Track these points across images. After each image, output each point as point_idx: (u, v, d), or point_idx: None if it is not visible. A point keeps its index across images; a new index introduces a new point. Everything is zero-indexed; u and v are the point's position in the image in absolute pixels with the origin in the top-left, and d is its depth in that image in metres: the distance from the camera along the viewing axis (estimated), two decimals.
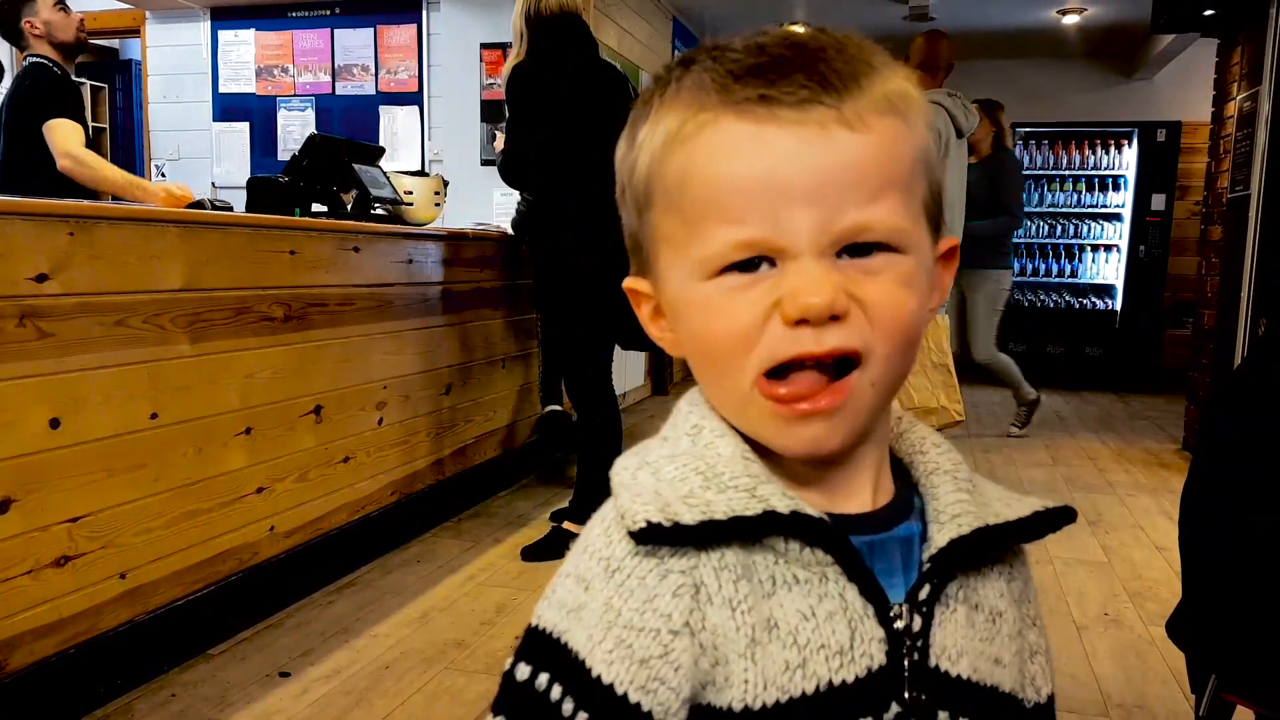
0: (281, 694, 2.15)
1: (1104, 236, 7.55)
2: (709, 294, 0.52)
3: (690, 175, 0.51)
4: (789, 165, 0.49)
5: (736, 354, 0.51)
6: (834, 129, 0.49)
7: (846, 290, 0.49)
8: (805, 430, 0.51)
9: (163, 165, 5.95)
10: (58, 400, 1.95)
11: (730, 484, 0.53)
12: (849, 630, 0.52)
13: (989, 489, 0.60)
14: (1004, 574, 0.60)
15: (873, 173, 0.49)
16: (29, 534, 1.90)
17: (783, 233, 0.49)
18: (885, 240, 0.50)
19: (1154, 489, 4.16)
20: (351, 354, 2.94)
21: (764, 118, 0.49)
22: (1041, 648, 0.62)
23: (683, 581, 0.51)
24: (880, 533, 0.55)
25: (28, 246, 1.88)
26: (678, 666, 0.51)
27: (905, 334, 0.52)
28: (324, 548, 2.82)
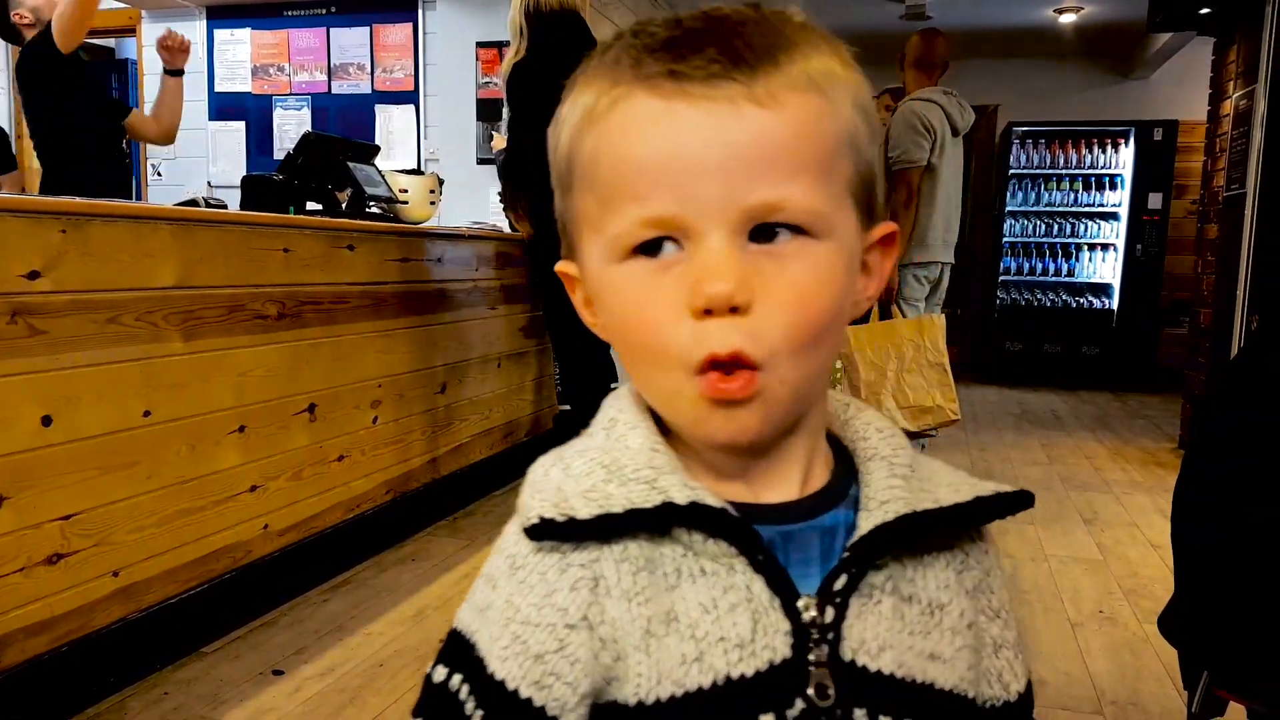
0: (275, 692, 2.15)
1: (1101, 235, 7.56)
2: (624, 279, 0.50)
3: (602, 152, 0.50)
4: (695, 141, 0.47)
5: (654, 350, 0.50)
6: (743, 105, 0.47)
7: (749, 279, 0.48)
8: (727, 418, 0.50)
9: (159, 164, 5.94)
10: (50, 398, 1.95)
11: (632, 476, 0.52)
12: (751, 623, 0.51)
13: (940, 474, 0.57)
14: (952, 564, 0.56)
15: (784, 151, 0.48)
16: (21, 531, 1.90)
17: (688, 210, 0.48)
18: (797, 222, 0.48)
19: (1150, 487, 4.16)
20: (345, 352, 2.93)
21: (673, 93, 0.47)
22: (1008, 641, 0.58)
23: (582, 575, 0.51)
24: (800, 522, 0.53)
25: (19, 243, 1.88)
26: (574, 661, 0.51)
27: (812, 329, 0.49)
28: (318, 546, 2.82)
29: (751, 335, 0.48)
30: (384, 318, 3.12)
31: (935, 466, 0.58)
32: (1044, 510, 3.81)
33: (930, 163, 3.89)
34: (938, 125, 3.87)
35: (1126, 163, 7.39)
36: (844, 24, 6.77)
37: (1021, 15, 6.62)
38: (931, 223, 3.95)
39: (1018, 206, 7.68)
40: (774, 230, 0.48)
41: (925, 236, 3.95)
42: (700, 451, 0.55)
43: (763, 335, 0.48)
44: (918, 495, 0.54)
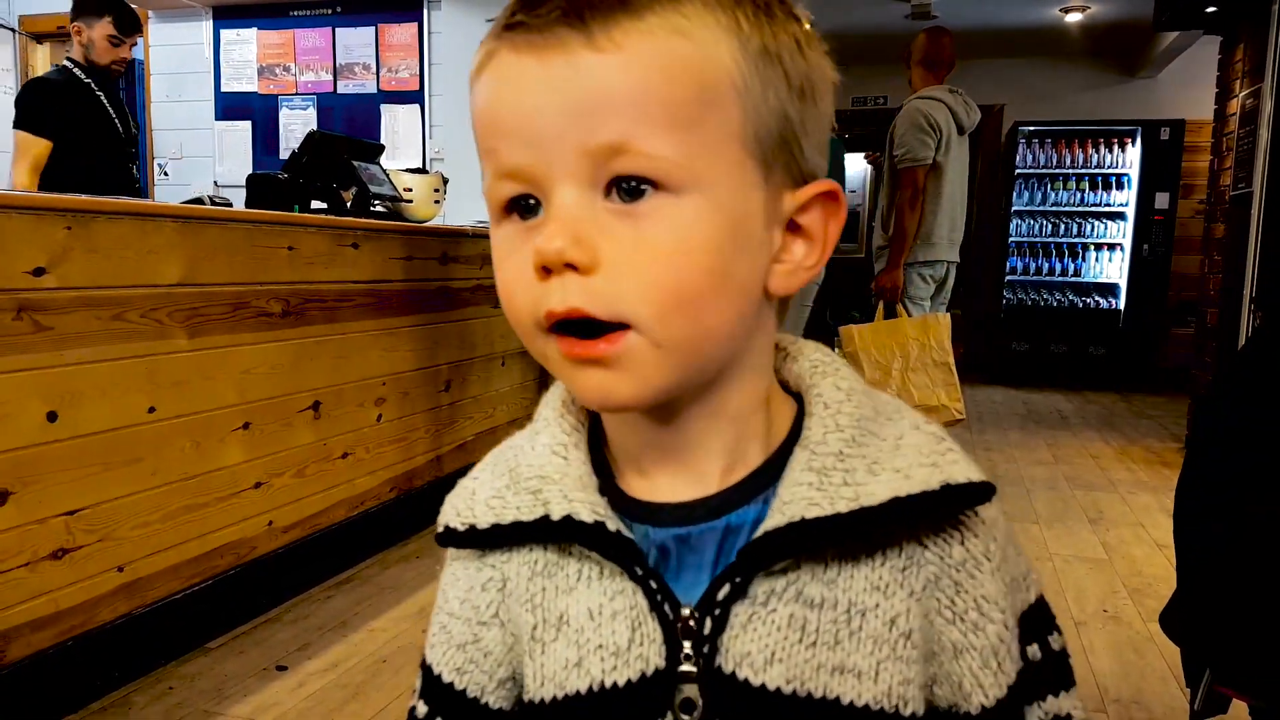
0: (278, 687, 2.16)
1: (1107, 235, 7.54)
2: (498, 240, 0.50)
3: (475, 112, 0.50)
4: (534, 92, 0.46)
5: (511, 312, 0.49)
6: (579, 52, 0.45)
7: (593, 239, 0.45)
8: (590, 379, 0.48)
9: (165, 164, 5.96)
10: (55, 394, 1.96)
11: (524, 485, 0.53)
12: (630, 631, 0.51)
13: (897, 454, 0.50)
14: (893, 560, 0.50)
15: (626, 97, 0.44)
16: (26, 526, 1.91)
17: (536, 161, 0.46)
18: (648, 173, 0.45)
19: (1155, 487, 4.15)
20: (350, 350, 2.94)
21: (521, 46, 0.46)
22: (975, 646, 0.51)
23: (493, 575, 0.55)
24: (700, 523, 0.51)
25: (25, 240, 1.89)
26: (487, 653, 0.56)
27: (679, 292, 0.46)
28: (322, 543, 2.83)
29: (597, 295, 0.45)
30: (388, 316, 3.13)
31: (900, 434, 0.52)
32: (1049, 509, 3.80)
33: (936, 161, 3.88)
34: (943, 124, 3.87)
35: (1133, 162, 7.37)
36: (849, 23, 6.76)
37: (1027, 15, 6.60)
38: (937, 222, 3.95)
39: (1024, 206, 7.67)
40: (634, 187, 0.45)
41: (931, 235, 3.95)
42: (615, 439, 0.55)
43: (613, 296, 0.46)
44: (835, 491, 0.49)
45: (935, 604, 0.51)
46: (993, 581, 0.51)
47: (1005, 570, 0.52)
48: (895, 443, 0.51)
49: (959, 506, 0.50)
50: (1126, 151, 7.41)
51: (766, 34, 0.47)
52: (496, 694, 0.56)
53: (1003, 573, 0.52)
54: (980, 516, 0.52)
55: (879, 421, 0.52)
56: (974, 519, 0.51)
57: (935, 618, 0.51)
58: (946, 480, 0.49)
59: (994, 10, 6.47)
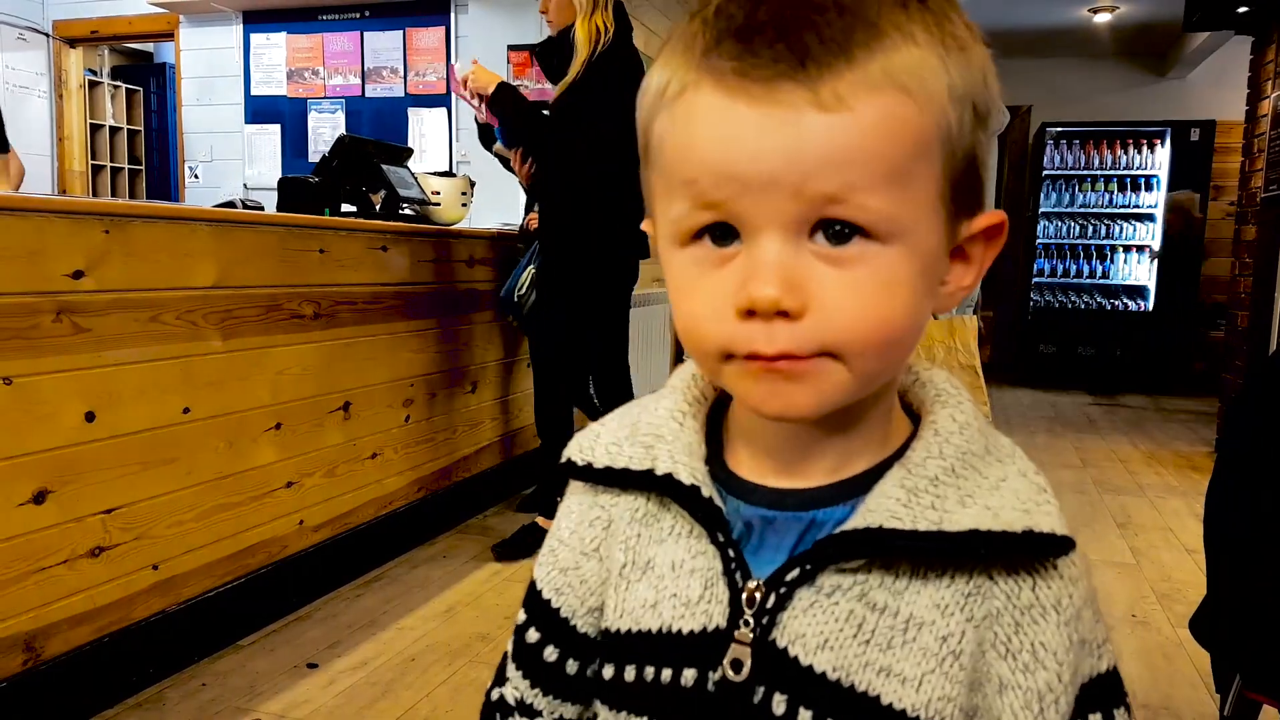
0: (309, 685, 2.18)
1: (1136, 237, 7.48)
2: (683, 264, 0.50)
3: (666, 140, 0.49)
4: (753, 144, 0.45)
5: (701, 336, 0.50)
6: (805, 110, 0.44)
7: (804, 283, 0.46)
8: (773, 393, 0.49)
9: (196, 167, 6.03)
10: (93, 394, 1.99)
11: (640, 439, 0.58)
12: (702, 588, 0.55)
13: (996, 492, 0.52)
14: (960, 586, 0.52)
15: (849, 158, 0.45)
16: (64, 525, 1.94)
17: (743, 204, 0.46)
18: (861, 223, 0.46)
19: (1185, 491, 4.12)
20: (379, 352, 2.97)
21: (736, 90, 0.45)
22: (1022, 686, 0.51)
23: (600, 514, 0.61)
24: (790, 510, 0.54)
25: (64, 244, 1.92)
26: (583, 579, 0.61)
27: (875, 339, 0.48)
28: (352, 542, 2.86)
29: (804, 339, 0.47)
30: (417, 317, 3.16)
31: (1004, 476, 0.53)
32: (1076, 514, 3.78)
33: None
34: None
35: (1162, 163, 7.30)
36: None
37: (1054, 15, 6.57)
38: None
39: (1051, 208, 7.62)
40: (839, 231, 0.46)
41: None
42: (740, 421, 0.58)
43: (819, 339, 0.47)
44: (919, 512, 0.51)
45: (992, 637, 0.52)
46: (1057, 633, 0.52)
47: (1076, 628, 0.53)
48: (996, 483, 0.52)
49: (1036, 554, 0.52)
50: (1156, 152, 7.34)
51: (965, 72, 0.48)
52: (584, 619, 0.61)
53: (1071, 629, 0.52)
54: (1059, 571, 0.53)
55: (987, 461, 0.54)
56: (1052, 570, 0.52)
57: (989, 650, 0.52)
58: (1031, 527, 0.51)
59: (1021, 10, 6.44)
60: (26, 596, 1.87)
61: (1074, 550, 0.52)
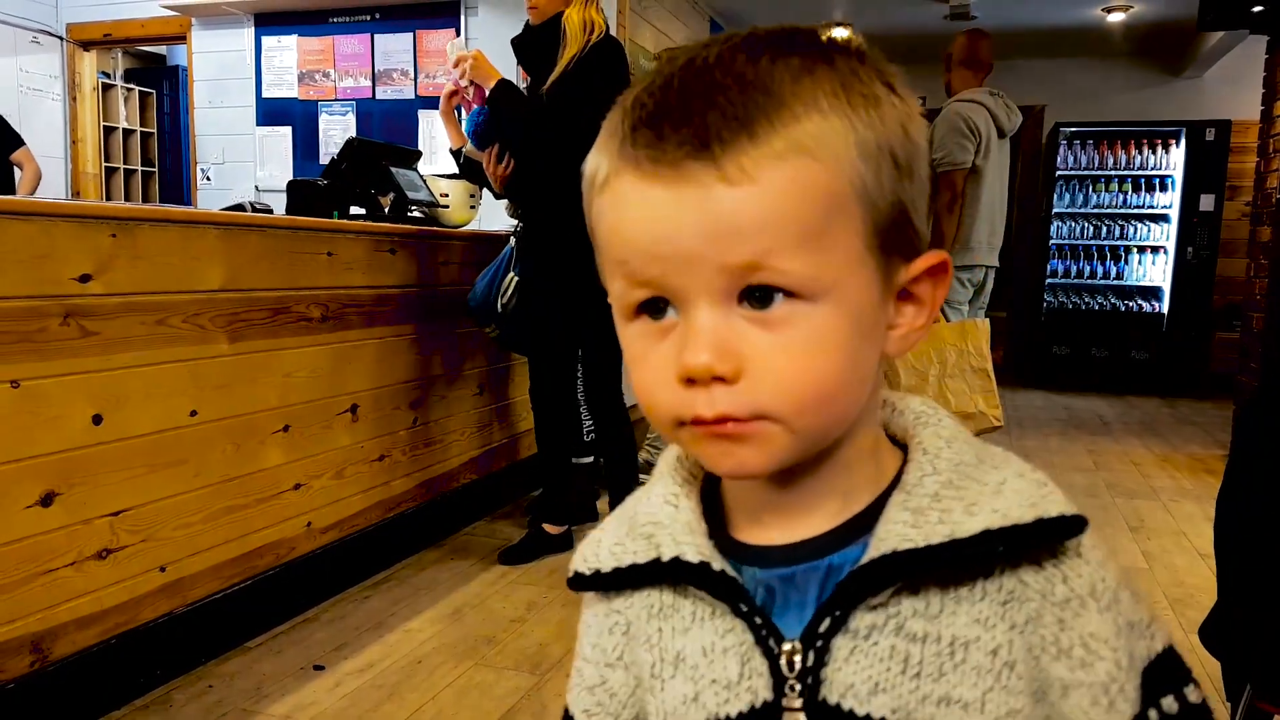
0: (316, 686, 2.18)
1: (1150, 238, 7.43)
2: (630, 338, 0.52)
3: (600, 225, 0.51)
4: (670, 223, 0.47)
5: (653, 406, 0.51)
6: (713, 186, 0.46)
7: (735, 348, 0.48)
8: (726, 454, 0.50)
9: (208, 169, 6.06)
10: (100, 397, 2.00)
11: (640, 531, 0.58)
12: (740, 665, 0.54)
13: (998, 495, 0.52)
14: (993, 595, 0.51)
15: (760, 226, 0.46)
16: (72, 527, 1.95)
17: (671, 278, 0.48)
18: (784, 286, 0.47)
19: (1199, 495, 4.09)
20: (387, 354, 2.97)
21: (651, 175, 0.48)
22: (1083, 682, 0.50)
23: (618, 620, 0.60)
24: (803, 563, 0.54)
25: (72, 247, 1.93)
26: (613, 694, 0.60)
27: (809, 398, 0.49)
28: (359, 544, 2.86)
29: (741, 401, 0.48)
30: (425, 320, 3.16)
31: (1003, 479, 0.53)
32: (1089, 517, 3.75)
33: (975, 165, 3.85)
34: (983, 127, 3.84)
35: (1177, 163, 7.26)
36: (887, 25, 6.73)
37: (1068, 14, 6.53)
38: (976, 225, 3.91)
39: (1065, 208, 7.57)
40: (767, 294, 0.48)
41: (969, 239, 3.91)
42: (731, 491, 0.58)
43: (755, 400, 0.48)
44: (929, 528, 0.51)
45: (1040, 640, 0.51)
46: (1101, 620, 0.51)
47: (1118, 612, 0.52)
48: (996, 487, 0.52)
49: (1050, 540, 0.51)
50: (1170, 153, 7.30)
51: (878, 128, 0.49)
52: None
53: (1114, 613, 0.52)
54: (1085, 557, 0.52)
55: (982, 468, 0.54)
56: (1077, 560, 0.52)
57: (1041, 655, 0.51)
58: (1040, 515, 0.50)
59: (1034, 10, 6.41)
60: (34, 598, 1.88)
61: (1088, 529, 0.52)
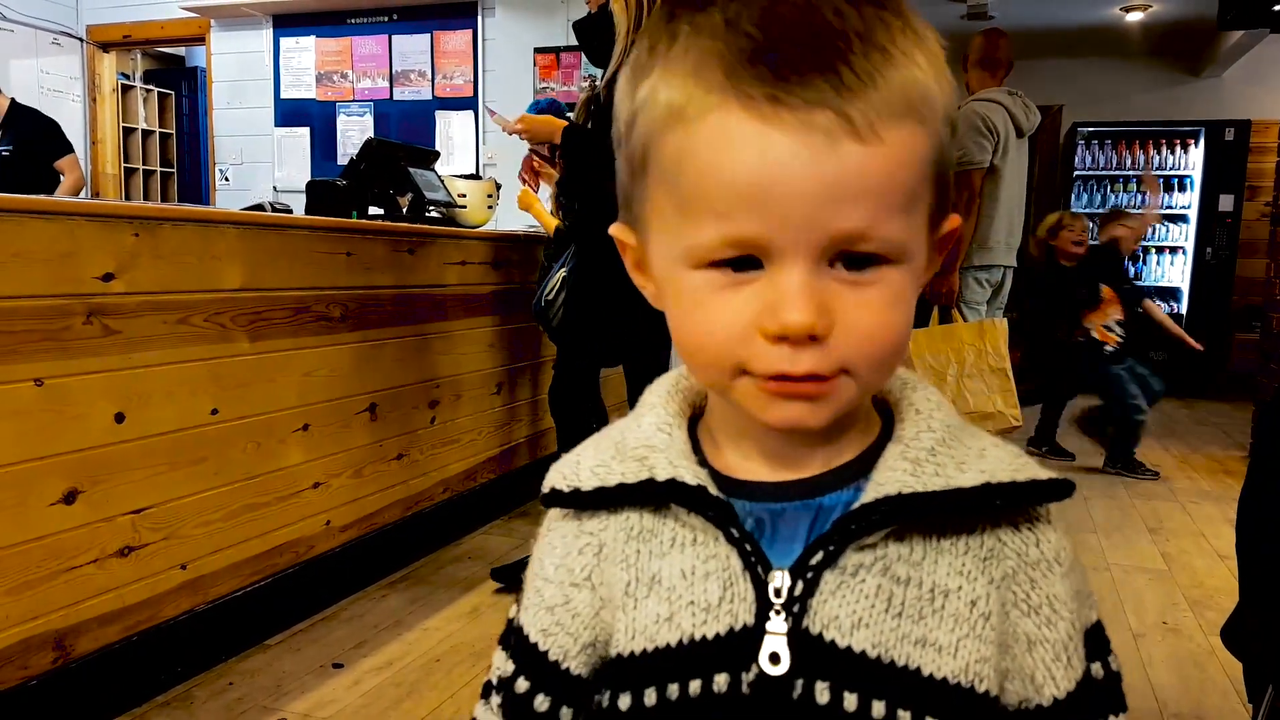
0: (335, 684, 2.20)
1: (1169, 238, 7.39)
2: (696, 286, 0.50)
3: (686, 161, 0.49)
4: (789, 170, 0.46)
5: (717, 355, 0.51)
6: (842, 140, 0.46)
7: (829, 307, 0.48)
8: (788, 409, 0.51)
9: (226, 169, 6.09)
10: (122, 395, 2.01)
11: (630, 454, 0.58)
12: (721, 589, 0.54)
13: (982, 457, 0.54)
14: (975, 550, 0.53)
15: (879, 188, 0.47)
16: (94, 524, 1.97)
17: (774, 235, 0.47)
18: (881, 253, 0.49)
19: (1218, 496, 4.06)
20: (406, 353, 2.99)
21: (769, 117, 0.46)
22: (1047, 639, 0.54)
23: (589, 541, 0.59)
24: (795, 500, 0.55)
25: (95, 246, 1.95)
26: (575, 614, 0.59)
27: (887, 352, 0.51)
28: (378, 542, 2.87)
29: (828, 357, 0.49)
30: (442, 319, 3.17)
31: (983, 446, 0.55)
32: (1107, 518, 3.74)
33: (993, 164, 3.84)
34: (1001, 126, 3.82)
35: (1196, 164, 7.21)
36: None
37: (1086, 14, 6.49)
38: (994, 226, 3.90)
39: (1083, 208, 7.52)
40: (858, 259, 0.48)
41: (988, 239, 3.90)
42: (728, 425, 0.58)
43: (841, 356, 0.49)
44: (927, 478, 0.52)
45: (1012, 596, 0.54)
46: (1063, 584, 0.54)
47: (1073, 580, 0.55)
48: (980, 451, 0.55)
49: (1039, 499, 0.54)
50: (1189, 153, 7.25)
51: (950, 91, 0.50)
52: (578, 659, 0.59)
53: (1071, 579, 0.55)
54: (1054, 525, 0.55)
55: (966, 433, 0.56)
56: (1048, 526, 0.55)
57: (1012, 610, 0.54)
58: (1032, 476, 0.53)
59: (1052, 10, 6.38)
60: (57, 595, 1.90)
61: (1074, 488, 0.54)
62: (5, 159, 4.89)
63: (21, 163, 4.91)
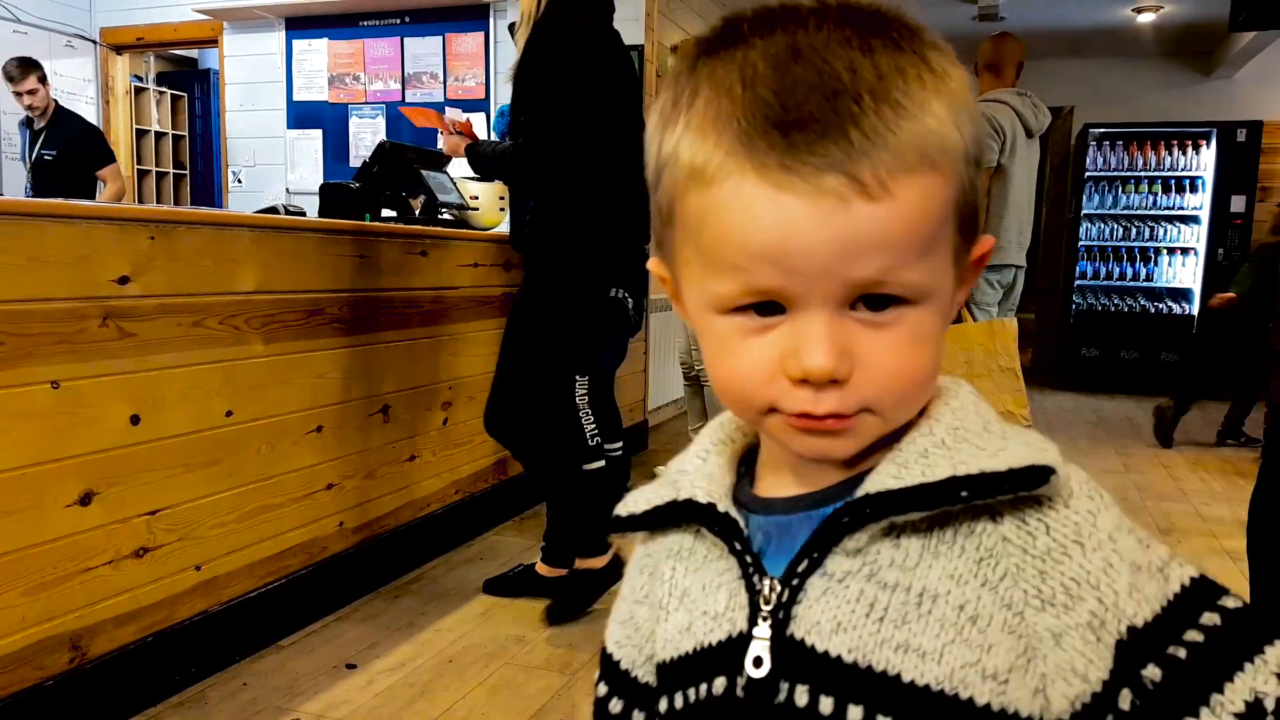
0: (348, 685, 2.21)
1: (1181, 239, 7.36)
2: (723, 330, 0.52)
3: (707, 221, 0.50)
4: (803, 233, 0.47)
5: (745, 396, 0.53)
6: (852, 200, 0.47)
7: (850, 350, 0.50)
8: (815, 443, 0.53)
9: (239, 171, 6.12)
10: (138, 398, 2.03)
11: (669, 479, 0.62)
12: (727, 598, 0.57)
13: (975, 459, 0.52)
14: (971, 551, 0.52)
15: (893, 241, 0.48)
16: (110, 526, 1.98)
17: (793, 287, 0.49)
18: (900, 295, 0.50)
19: (1230, 498, 4.05)
20: (418, 355, 3.00)
21: (782, 183, 0.47)
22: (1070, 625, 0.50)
23: (646, 561, 0.65)
24: (802, 512, 0.56)
25: (111, 250, 1.96)
26: (638, 628, 0.64)
27: (908, 391, 0.52)
28: (390, 543, 2.89)
29: (849, 398, 0.50)
30: (455, 321, 3.19)
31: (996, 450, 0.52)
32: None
33: (1000, 165, 3.83)
34: (1008, 126, 3.82)
35: (1208, 164, 7.18)
36: None
37: (1098, 15, 6.48)
38: (1004, 226, 3.89)
39: (1094, 209, 7.52)
40: (883, 301, 0.50)
41: (998, 239, 3.89)
42: (768, 452, 0.61)
43: (862, 397, 0.51)
44: (910, 477, 0.52)
45: (1022, 595, 0.51)
46: (1085, 563, 0.50)
47: (1110, 553, 0.51)
48: (994, 451, 0.52)
49: (1019, 488, 0.50)
50: (1201, 154, 7.22)
51: (973, 131, 0.51)
52: (643, 668, 0.64)
53: (1102, 555, 0.51)
54: (1072, 507, 0.52)
55: (985, 435, 0.54)
56: (1062, 510, 0.52)
57: (1026, 610, 0.50)
58: (1012, 465, 0.50)
59: (1064, 11, 6.37)
60: (73, 596, 1.91)
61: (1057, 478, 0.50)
62: (48, 163, 4.94)
63: (63, 168, 4.96)
